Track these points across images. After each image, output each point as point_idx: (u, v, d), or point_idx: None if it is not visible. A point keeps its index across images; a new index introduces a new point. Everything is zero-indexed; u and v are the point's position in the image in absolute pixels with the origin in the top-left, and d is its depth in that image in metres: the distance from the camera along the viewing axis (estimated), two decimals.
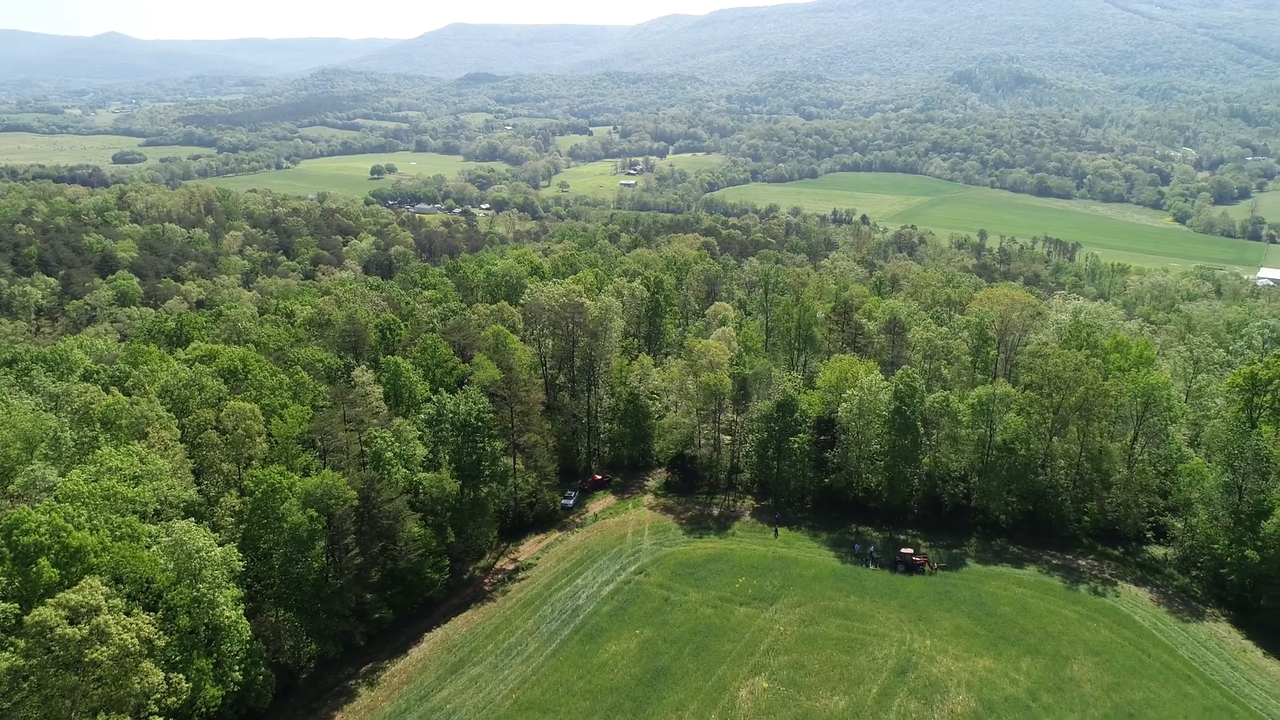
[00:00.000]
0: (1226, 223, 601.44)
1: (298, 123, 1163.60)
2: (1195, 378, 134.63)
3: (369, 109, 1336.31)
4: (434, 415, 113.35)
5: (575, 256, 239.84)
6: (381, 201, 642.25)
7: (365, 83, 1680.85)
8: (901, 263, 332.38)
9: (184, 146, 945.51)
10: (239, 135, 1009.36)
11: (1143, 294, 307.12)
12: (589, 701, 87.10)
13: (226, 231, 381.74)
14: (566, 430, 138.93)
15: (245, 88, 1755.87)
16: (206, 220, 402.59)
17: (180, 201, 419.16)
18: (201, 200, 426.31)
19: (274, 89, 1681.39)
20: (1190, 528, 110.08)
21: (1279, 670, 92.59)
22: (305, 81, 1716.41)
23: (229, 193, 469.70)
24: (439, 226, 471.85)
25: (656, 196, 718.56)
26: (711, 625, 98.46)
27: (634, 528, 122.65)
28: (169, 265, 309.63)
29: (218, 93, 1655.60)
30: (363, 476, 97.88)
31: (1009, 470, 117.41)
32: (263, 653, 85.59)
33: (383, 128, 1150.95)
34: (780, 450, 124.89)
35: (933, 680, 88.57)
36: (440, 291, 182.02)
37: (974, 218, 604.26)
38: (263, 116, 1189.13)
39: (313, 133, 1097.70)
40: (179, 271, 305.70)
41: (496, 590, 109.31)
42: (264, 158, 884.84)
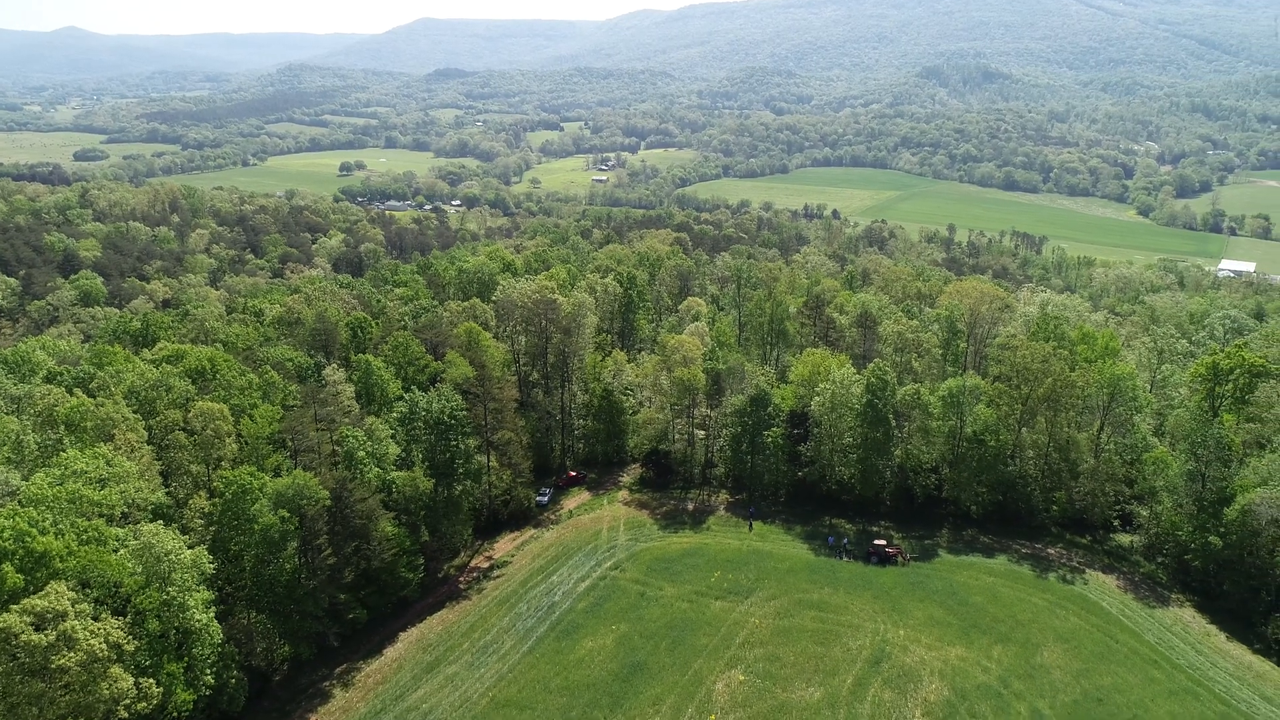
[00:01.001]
0: (1188, 215, 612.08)
1: (264, 119, 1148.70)
2: (1159, 368, 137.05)
3: (337, 105, 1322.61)
4: (406, 414, 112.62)
5: (548, 253, 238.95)
6: (351, 198, 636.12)
7: (333, 78, 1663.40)
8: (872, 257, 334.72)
9: (147, 144, 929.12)
10: (204, 132, 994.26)
11: (1108, 286, 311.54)
12: (566, 698, 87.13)
13: (192, 230, 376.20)
14: (540, 427, 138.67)
15: (210, 84, 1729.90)
16: (172, 218, 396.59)
17: (144, 199, 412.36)
18: (166, 198, 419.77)
19: (239, 85, 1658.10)
20: (1155, 515, 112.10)
21: (1241, 653, 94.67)
22: (271, 77, 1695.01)
23: (195, 190, 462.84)
24: (410, 223, 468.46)
25: (629, 192, 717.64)
26: (687, 620, 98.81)
27: (609, 524, 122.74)
28: (134, 264, 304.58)
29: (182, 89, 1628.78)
30: (335, 476, 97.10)
31: (979, 461, 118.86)
32: (235, 655, 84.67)
33: (351, 124, 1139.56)
34: (754, 444, 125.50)
35: (906, 670, 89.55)
36: (412, 289, 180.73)
37: (943, 212, 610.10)
38: (228, 113, 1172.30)
39: (280, 129, 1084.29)
40: (144, 271, 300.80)
41: (472, 588, 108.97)
42: (230, 155, 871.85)
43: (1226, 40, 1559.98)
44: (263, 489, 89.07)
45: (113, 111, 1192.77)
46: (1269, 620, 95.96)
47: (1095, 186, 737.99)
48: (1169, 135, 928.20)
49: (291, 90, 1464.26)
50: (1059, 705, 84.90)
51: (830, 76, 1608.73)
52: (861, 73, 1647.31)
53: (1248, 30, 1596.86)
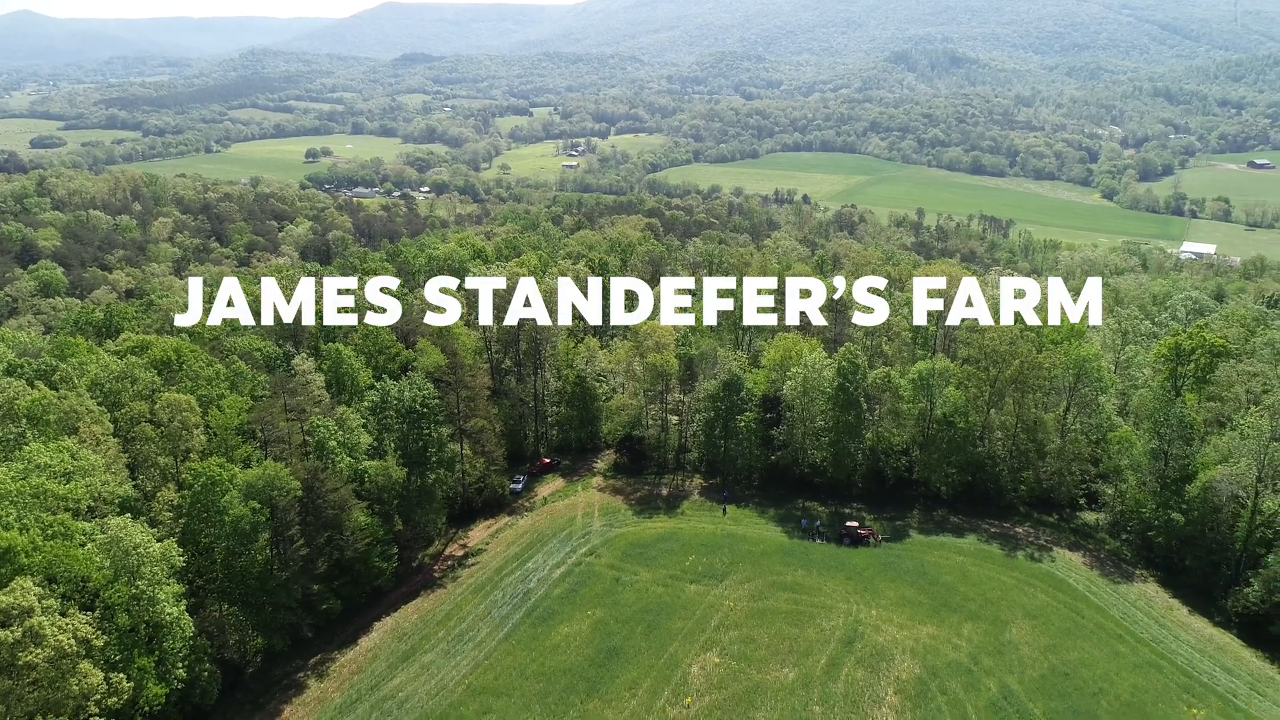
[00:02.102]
0: (1151, 199, 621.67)
1: (227, 105, 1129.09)
2: (1124, 349, 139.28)
3: (302, 91, 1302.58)
4: (378, 403, 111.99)
5: (518, 239, 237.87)
6: (318, 185, 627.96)
7: (297, 64, 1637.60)
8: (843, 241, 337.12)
9: (106, 130, 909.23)
10: (165, 118, 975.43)
11: (1074, 268, 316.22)
12: (542, 683, 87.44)
13: (155, 218, 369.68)
14: (514, 414, 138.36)
15: (170, 69, 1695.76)
16: (133, 206, 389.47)
17: (105, 187, 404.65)
18: (127, 185, 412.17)
19: (201, 70, 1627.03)
20: (1120, 493, 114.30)
21: (1202, 626, 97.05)
22: (234, 62, 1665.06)
23: (156, 178, 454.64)
24: (378, 210, 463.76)
25: (599, 178, 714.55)
26: (662, 604, 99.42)
27: (584, 510, 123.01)
28: (95, 254, 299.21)
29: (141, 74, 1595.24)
30: (306, 466, 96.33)
31: (949, 443, 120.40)
32: (207, 649, 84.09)
33: (316, 110, 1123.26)
34: (727, 429, 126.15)
35: (879, 649, 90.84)
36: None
37: (912, 196, 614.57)
38: (190, 99, 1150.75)
39: (243, 115, 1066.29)
40: (106, 260, 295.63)
41: (447, 577, 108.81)
42: (192, 141, 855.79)
43: (1188, 25, 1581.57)
44: (233, 480, 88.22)
45: (70, 97, 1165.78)
46: (1229, 594, 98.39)
47: (1061, 170, 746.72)
48: (1132, 119, 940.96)
49: (255, 75, 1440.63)
50: (1027, 680, 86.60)
51: (799, 61, 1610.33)
52: (830, 57, 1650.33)
53: (1208, 15, 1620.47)
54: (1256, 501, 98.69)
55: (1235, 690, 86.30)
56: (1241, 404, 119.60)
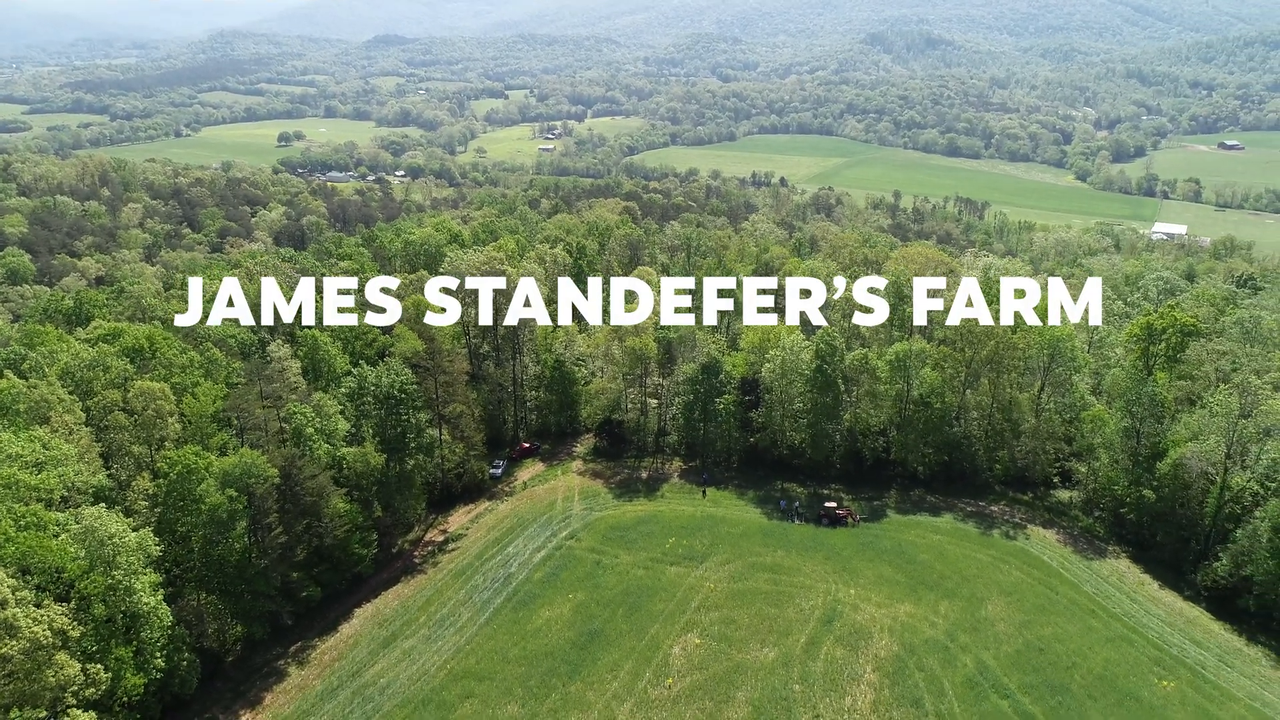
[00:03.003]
0: (1124, 180, 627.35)
1: (197, 88, 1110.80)
2: (1097, 329, 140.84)
3: (273, 73, 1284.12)
4: (355, 389, 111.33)
5: (495, 223, 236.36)
6: (291, 170, 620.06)
7: (267, 45, 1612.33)
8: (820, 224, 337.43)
9: (73, 114, 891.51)
10: (133, 102, 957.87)
11: (1048, 250, 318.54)
12: (524, 667, 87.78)
13: (125, 204, 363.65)
14: (492, 399, 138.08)
15: (137, 51, 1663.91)
16: (102, 192, 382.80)
17: (72, 172, 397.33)
18: (96, 171, 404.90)
19: (169, 52, 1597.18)
20: (1093, 471, 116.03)
21: (1173, 600, 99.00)
22: (202, 44, 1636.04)
23: (125, 162, 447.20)
24: (353, 195, 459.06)
25: (576, 161, 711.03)
26: (643, 586, 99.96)
27: (563, 494, 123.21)
28: (63, 240, 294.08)
29: (107, 56, 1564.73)
30: (283, 454, 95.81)
31: (925, 423, 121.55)
32: (185, 638, 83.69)
33: (288, 93, 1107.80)
34: (706, 412, 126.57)
35: (857, 628, 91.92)
36: (357, 262, 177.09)
37: (888, 178, 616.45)
38: (158, 81, 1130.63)
39: (214, 98, 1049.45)
40: (74, 247, 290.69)
41: (427, 562, 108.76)
42: (162, 125, 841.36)
43: (1160, 7, 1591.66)
44: (209, 468, 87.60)
45: (34, 81, 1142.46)
46: (1198, 568, 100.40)
47: (1035, 152, 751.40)
48: (1105, 101, 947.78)
49: (224, 58, 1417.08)
50: (1003, 656, 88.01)
51: (776, 43, 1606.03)
52: (807, 39, 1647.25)
53: None
54: (1225, 478, 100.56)
55: (1204, 662, 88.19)
56: (1211, 382, 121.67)
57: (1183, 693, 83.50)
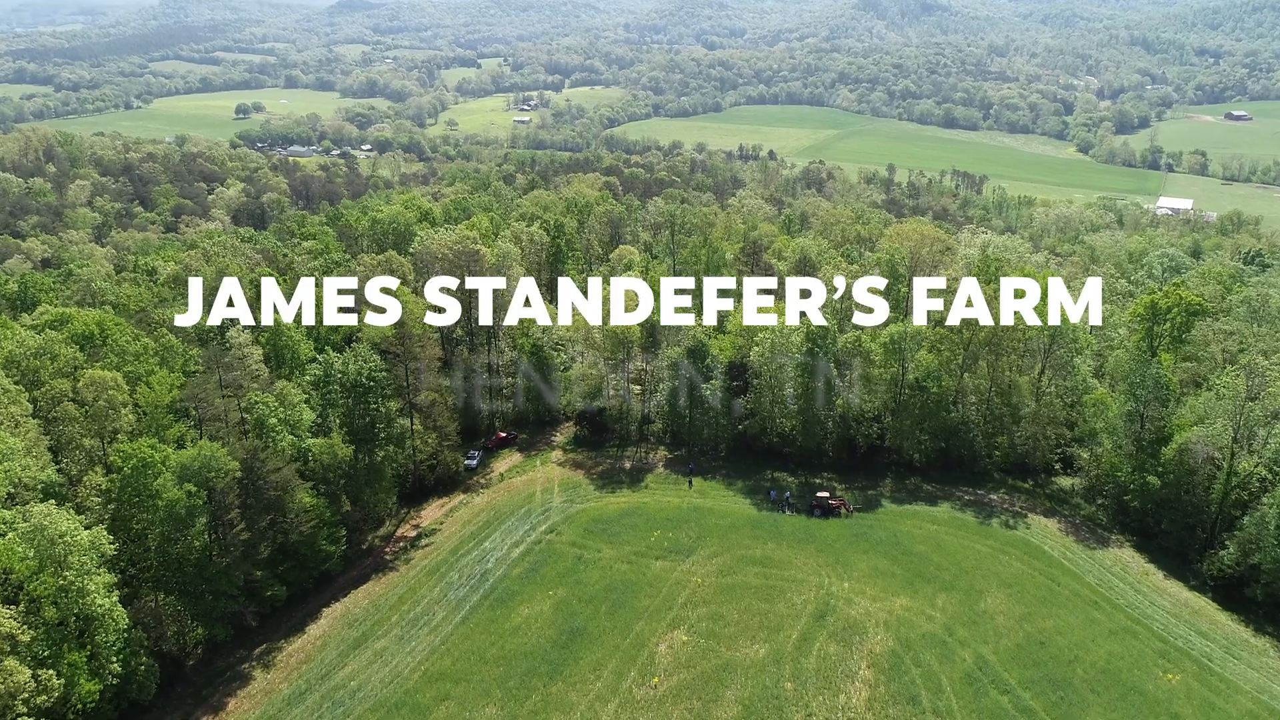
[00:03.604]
0: (1127, 152, 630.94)
1: (148, 57, 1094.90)
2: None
3: (230, 41, 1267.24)
4: (321, 376, 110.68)
5: (468, 200, 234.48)
6: (250, 144, 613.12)
7: (223, 10, 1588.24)
8: (811, 199, 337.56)
9: (14, 85, 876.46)
10: (80, 72, 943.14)
11: (1048, 226, 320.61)
12: (502, 668, 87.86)
13: (72, 181, 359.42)
14: (466, 387, 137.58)
15: (84, 17, 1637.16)
16: (47, 168, 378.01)
17: (15, 147, 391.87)
18: (40, 145, 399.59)
19: (118, 19, 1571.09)
20: (1096, 457, 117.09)
21: (1178, 591, 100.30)
22: (154, 9, 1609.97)
23: (72, 136, 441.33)
24: (316, 171, 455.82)
25: (553, 134, 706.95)
26: (627, 581, 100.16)
27: (543, 485, 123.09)
28: (5, 220, 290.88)
29: (51, 22, 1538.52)
30: (245, 446, 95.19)
31: (921, 408, 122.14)
32: (143, 641, 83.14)
33: (247, 61, 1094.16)
34: (692, 398, 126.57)
35: (851, 622, 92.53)
36: (321, 242, 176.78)
37: (882, 151, 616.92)
38: (106, 50, 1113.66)
39: (166, 68, 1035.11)
40: (18, 227, 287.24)
41: (399, 559, 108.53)
42: (111, 97, 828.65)
43: None
44: (165, 462, 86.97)
45: None
46: (1204, 557, 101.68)
47: (1035, 123, 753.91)
48: (1108, 69, 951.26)
49: (177, 24, 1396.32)
50: (1002, 650, 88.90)
51: (764, 8, 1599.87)
52: (796, 3, 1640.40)
53: None
54: (1232, 463, 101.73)
55: (1210, 654, 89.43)
56: (1218, 363, 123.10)
57: (1188, 686, 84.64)
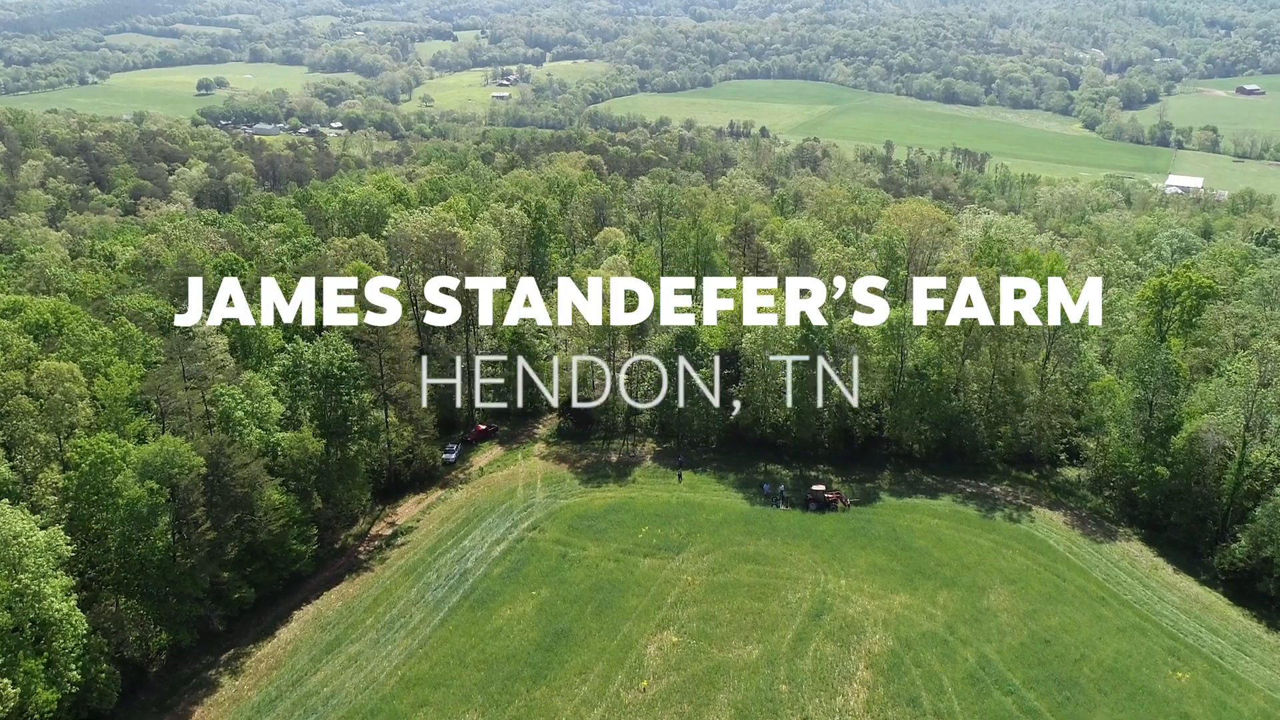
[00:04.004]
0: (1135, 128, 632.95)
1: (103, 29, 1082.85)
2: (1106, 291, 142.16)
3: (190, 12, 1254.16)
4: (290, 367, 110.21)
5: (444, 180, 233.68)
6: (213, 122, 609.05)
7: None
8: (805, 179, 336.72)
9: None
10: (30, 45, 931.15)
11: (1053, 206, 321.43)
12: (484, 672, 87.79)
13: (23, 161, 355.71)
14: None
15: None
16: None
17: None
18: None
19: None
20: (1102, 447, 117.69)
21: (1188, 585, 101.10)
22: None
23: (23, 114, 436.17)
24: (283, 150, 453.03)
25: (534, 110, 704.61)
26: (614, 580, 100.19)
27: (525, 480, 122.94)
28: None
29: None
30: (210, 440, 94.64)
31: (921, 397, 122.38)
32: (104, 647, 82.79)
33: (209, 34, 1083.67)
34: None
35: (849, 621, 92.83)
36: (289, 225, 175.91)
37: (880, 128, 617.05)
38: (59, 22, 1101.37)
39: (123, 41, 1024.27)
40: None
41: (373, 558, 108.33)
42: (64, 72, 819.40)
43: None
44: (126, 458, 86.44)
45: None
46: (1215, 550, 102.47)
47: (1039, 98, 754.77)
48: (1115, 41, 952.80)
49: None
50: (1006, 649, 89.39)
51: None
52: None
53: None
54: (1244, 452, 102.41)
55: (1222, 651, 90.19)
56: (1229, 348, 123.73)
57: (1199, 684, 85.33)
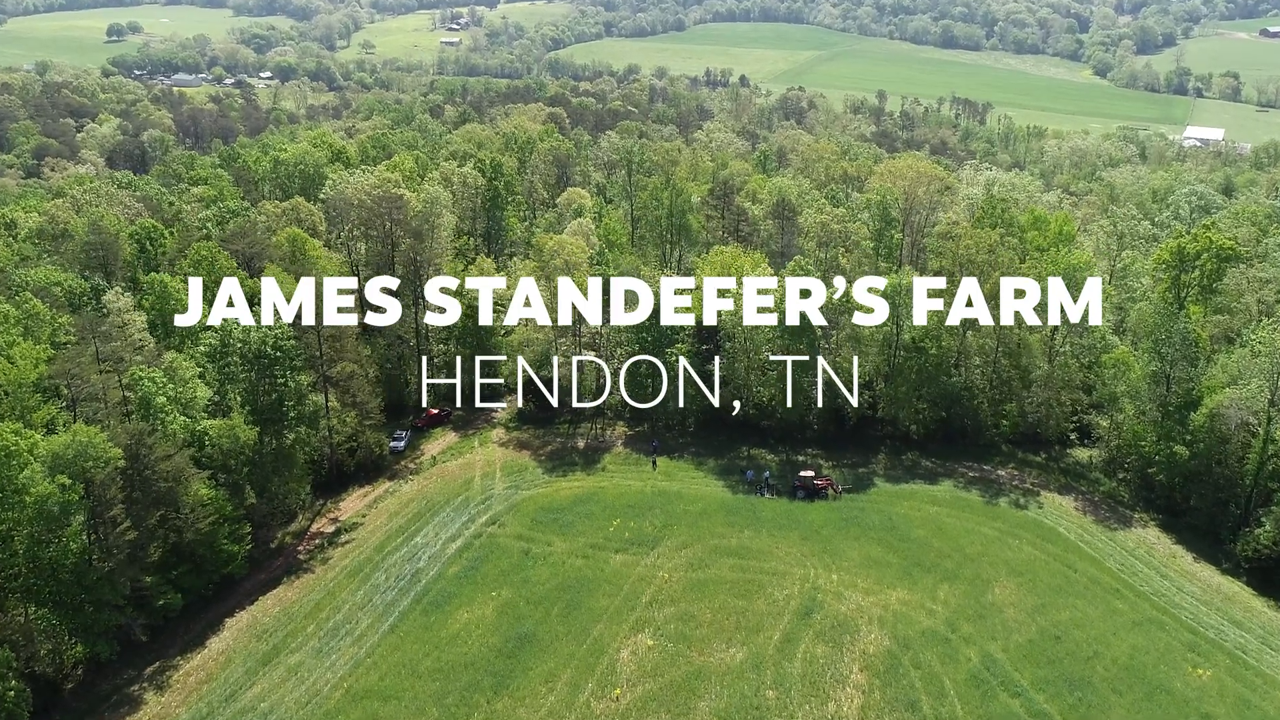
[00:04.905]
0: (1150, 75, 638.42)
1: None
2: (1119, 255, 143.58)
3: None
4: (218, 346, 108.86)
5: (389, 137, 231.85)
6: (126, 72, 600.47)
7: None
8: (789, 132, 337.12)
9: None
10: None
11: (1061, 161, 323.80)
12: (439, 682, 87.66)
13: None
14: (391, 356, 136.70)
15: None
16: None
17: None
18: None
19: None
20: (1116, 425, 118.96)
21: (1209, 575, 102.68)
22: None
23: None
24: (207, 103, 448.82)
25: (488, 58, 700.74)
26: (583, 579, 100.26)
27: (482, 469, 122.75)
28: None
29: None
30: (128, 430, 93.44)
31: (919, 372, 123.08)
32: (11, 662, 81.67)
33: None
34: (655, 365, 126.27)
35: (841, 620, 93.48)
36: (215, 187, 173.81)
37: (872, 75, 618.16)
38: None
39: None
40: None
41: (314, 559, 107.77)
42: None
43: None
44: (33, 450, 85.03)
45: None
46: (1238, 536, 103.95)
47: (1046, 42, 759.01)
48: None
49: None
50: (1013, 647, 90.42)
51: None
52: None
53: None
54: (1269, 429, 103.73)
55: (1245, 645, 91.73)
56: (1252, 316, 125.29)
57: (1220, 682, 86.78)
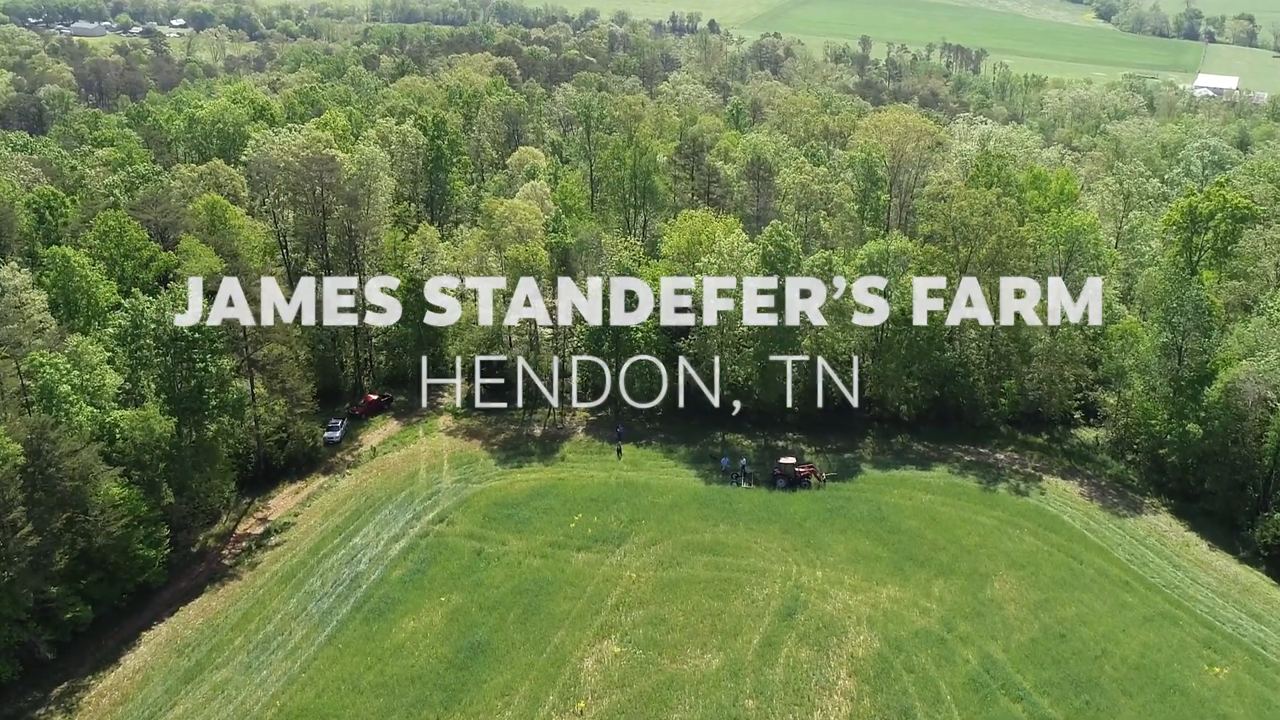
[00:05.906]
0: (1158, 19, 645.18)
1: None
2: (1126, 215, 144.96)
3: None
4: (129, 328, 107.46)
5: (318, 92, 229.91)
6: (18, 20, 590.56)
7: None
8: (765, 84, 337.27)
9: None
10: None
11: (1063, 113, 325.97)
12: (383, 698, 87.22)
13: None
14: (324, 336, 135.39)
15: None
16: None
17: None
18: None
19: None
20: (1124, 403, 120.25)
21: (1225, 564, 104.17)
22: None
23: None
24: (111, 55, 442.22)
25: (428, 3, 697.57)
26: (542, 580, 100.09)
27: (428, 461, 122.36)
28: None
29: None
30: (28, 423, 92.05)
31: (909, 347, 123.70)
32: None
33: None
34: (619, 343, 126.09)
35: (827, 621, 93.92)
36: (122, 149, 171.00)
37: (854, 19, 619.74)
38: None
39: None
40: None
41: (241, 563, 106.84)
42: None
43: None
44: None
45: None
46: (1256, 522, 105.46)
47: None
48: None
49: None
50: (1014, 647, 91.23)
51: None
52: None
53: None
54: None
55: (1265, 640, 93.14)
56: (1270, 281, 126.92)
57: (1238, 680, 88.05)
